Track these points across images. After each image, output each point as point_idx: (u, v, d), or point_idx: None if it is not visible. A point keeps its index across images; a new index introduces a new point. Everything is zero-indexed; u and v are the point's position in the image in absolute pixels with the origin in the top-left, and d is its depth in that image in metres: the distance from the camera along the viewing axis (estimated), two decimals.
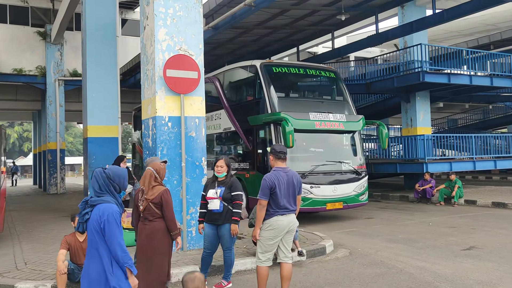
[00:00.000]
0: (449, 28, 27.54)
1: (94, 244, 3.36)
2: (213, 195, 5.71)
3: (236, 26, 16.52)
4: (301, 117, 10.62)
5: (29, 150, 69.87)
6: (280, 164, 5.19)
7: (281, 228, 5.05)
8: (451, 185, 14.16)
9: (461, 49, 17.52)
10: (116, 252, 3.34)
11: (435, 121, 34.03)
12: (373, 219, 11.56)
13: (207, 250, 5.83)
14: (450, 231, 9.42)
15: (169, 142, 7.27)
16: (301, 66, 12.04)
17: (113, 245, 3.35)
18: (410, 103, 17.92)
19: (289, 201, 5.12)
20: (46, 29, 22.34)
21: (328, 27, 18.62)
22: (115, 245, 3.34)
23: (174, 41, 7.40)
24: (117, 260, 3.33)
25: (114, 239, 3.33)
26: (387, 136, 11.62)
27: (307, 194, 10.46)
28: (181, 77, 7.29)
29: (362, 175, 11.39)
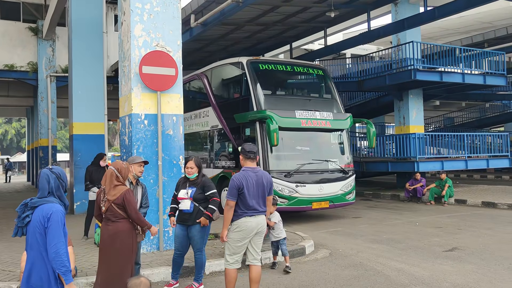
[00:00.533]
0: (445, 26, 27.41)
1: (37, 247, 3.19)
2: (184, 196, 5.59)
3: (227, 23, 16.35)
4: (287, 115, 10.48)
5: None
6: (249, 164, 5.05)
7: (250, 230, 4.91)
8: (442, 184, 14.03)
9: (454, 47, 17.37)
10: (51, 255, 3.14)
11: (432, 119, 33.94)
12: (360, 218, 11.44)
13: (178, 252, 5.70)
14: (435, 232, 9.29)
15: (146, 140, 7.13)
16: (288, 63, 11.89)
17: (50, 245, 3.14)
18: (403, 101, 17.79)
19: (258, 202, 4.99)
20: (38, 24, 22.16)
21: (321, 24, 18.43)
22: (52, 247, 3.13)
23: (151, 37, 7.25)
24: (51, 264, 3.13)
25: (53, 239, 3.14)
26: (374, 135, 11.47)
27: (292, 193, 10.34)
28: (158, 74, 7.15)
29: (349, 174, 11.25)
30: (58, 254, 3.13)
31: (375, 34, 15.99)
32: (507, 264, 6.53)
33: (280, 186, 10.26)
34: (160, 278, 6.02)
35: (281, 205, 10.29)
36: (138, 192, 5.53)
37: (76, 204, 12.37)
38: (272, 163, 10.40)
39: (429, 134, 17.78)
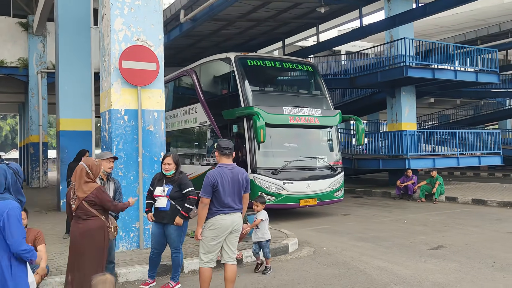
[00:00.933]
0: (440, 23, 27.33)
1: None
2: (160, 193, 5.47)
3: (218, 18, 16.24)
4: (275, 112, 10.37)
5: None
6: (225, 161, 4.93)
7: (224, 228, 4.80)
8: (432, 181, 13.95)
9: (446, 44, 17.26)
10: (17, 251, 3.18)
11: (426, 116, 33.91)
12: (349, 216, 11.34)
13: (154, 250, 5.59)
14: (423, 229, 9.20)
15: (125, 136, 7.00)
16: (277, 59, 11.78)
17: (15, 243, 3.16)
18: (396, 98, 17.68)
19: (234, 199, 4.87)
20: (28, 20, 21.92)
21: (313, 21, 18.35)
22: (15, 242, 3.14)
23: (132, 31, 7.11)
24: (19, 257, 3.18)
25: (13, 235, 3.11)
26: (363, 132, 11.37)
27: (279, 190, 10.24)
28: (138, 68, 7.01)
29: (338, 171, 11.15)
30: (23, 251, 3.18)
31: (367, 30, 15.88)
32: (491, 263, 6.44)
33: (267, 183, 10.16)
34: (137, 276, 5.90)
35: (268, 202, 10.12)
36: (110, 188, 5.42)
37: (62, 201, 12.21)
38: (260, 160, 10.29)
39: (421, 131, 17.71)
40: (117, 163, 6.93)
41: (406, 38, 15.44)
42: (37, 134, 21.96)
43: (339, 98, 22.87)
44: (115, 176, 6.93)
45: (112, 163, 5.71)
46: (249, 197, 5.17)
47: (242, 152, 10.54)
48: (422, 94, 20.27)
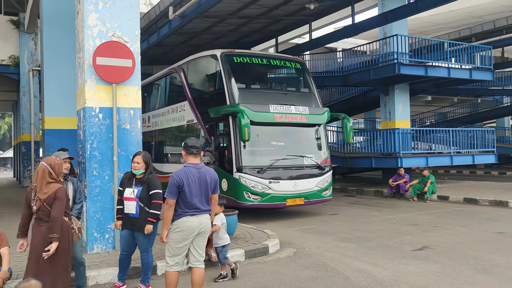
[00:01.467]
0: (436, 20, 27.09)
1: None
2: (129, 195, 5.28)
3: (208, 15, 16.01)
4: (260, 109, 10.19)
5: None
6: (192, 160, 4.75)
7: (190, 230, 4.62)
8: (424, 180, 13.77)
9: (440, 40, 17.03)
10: None
11: (423, 114, 33.72)
12: (338, 215, 11.16)
13: (124, 252, 5.41)
14: (410, 229, 9.02)
15: (100, 135, 6.82)
16: (264, 56, 11.57)
17: None
18: (389, 96, 17.47)
19: (201, 200, 4.69)
20: (19, 17, 21.74)
21: (306, 18, 18.09)
22: None
23: (107, 27, 6.92)
24: None
25: None
26: (351, 130, 11.19)
27: (265, 189, 10.06)
28: (113, 65, 6.82)
29: (326, 170, 10.96)
30: None
31: (359, 27, 15.66)
32: (474, 264, 6.26)
33: (252, 182, 9.98)
34: (108, 279, 5.72)
35: (254, 201, 10.05)
36: (69, 189, 5.24)
37: None
38: (245, 158, 10.12)
39: (415, 129, 17.53)
40: (91, 163, 6.78)
41: (398, 35, 15.24)
42: (29, 132, 21.80)
43: (334, 96, 22.72)
44: (89, 176, 6.78)
45: (68, 163, 5.55)
46: (217, 198, 4.99)
47: (228, 151, 10.35)
48: (416, 91, 20.05)
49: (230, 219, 7.32)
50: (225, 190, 10.45)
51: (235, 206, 10.26)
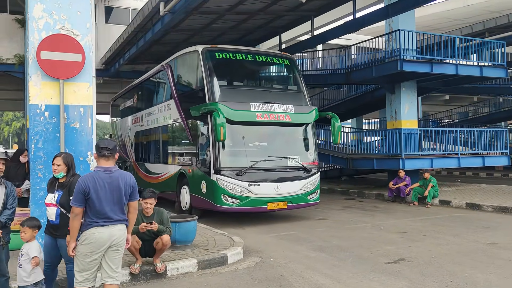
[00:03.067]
0: (452, 16, 26.08)
1: None
2: (50, 201, 4.82)
3: (203, 11, 15.51)
4: (240, 108, 9.65)
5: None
6: (103, 163, 4.24)
7: (100, 243, 4.11)
8: (425, 183, 12.96)
9: (450, 36, 16.11)
10: None
11: (440, 114, 32.53)
12: (326, 220, 10.51)
13: (47, 264, 4.94)
14: (395, 238, 8.33)
15: (46, 134, 6.39)
16: (250, 52, 10.98)
17: None
18: (395, 94, 16.65)
19: (113, 209, 4.18)
20: (25, 16, 21.69)
21: (308, 13, 17.40)
22: None
23: (54, 19, 6.48)
24: None
25: None
26: (339, 130, 10.50)
27: (244, 192, 9.50)
28: (60, 60, 6.38)
29: (312, 172, 10.33)
30: None
31: (360, 22, 14.88)
32: (447, 281, 5.58)
33: (230, 185, 9.44)
34: None
35: (232, 205, 9.51)
36: (1, 193, 4.80)
37: None
38: (224, 160, 9.58)
39: (422, 129, 16.66)
40: (36, 164, 6.36)
41: (401, 30, 14.45)
42: None
43: (340, 95, 21.97)
44: (33, 178, 6.36)
45: (2, 164, 5.14)
46: (137, 205, 4.47)
47: (207, 152, 9.84)
48: (426, 90, 19.17)
49: (188, 226, 6.82)
50: (204, 193, 9.95)
51: (213, 209, 9.78)
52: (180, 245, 6.79)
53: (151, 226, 5.60)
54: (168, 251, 6.71)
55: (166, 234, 5.74)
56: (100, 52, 23.14)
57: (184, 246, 6.78)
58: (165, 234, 5.73)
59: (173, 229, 6.72)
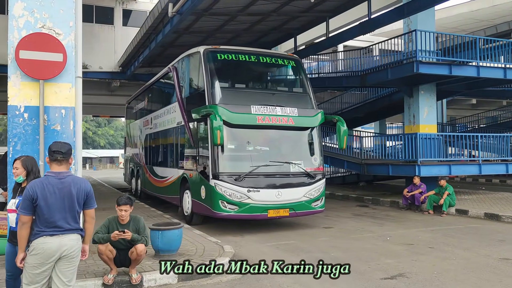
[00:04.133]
0: (479, 16, 25.06)
1: None
2: (11, 206, 4.57)
3: (214, 13, 15.28)
4: (240, 111, 9.28)
5: None
6: (55, 168, 3.94)
7: (48, 254, 3.79)
8: (441, 191, 12.29)
9: (472, 36, 15.36)
10: None
11: (467, 118, 31.35)
12: (331, 229, 10.02)
13: (9, 273, 4.67)
14: (398, 250, 7.78)
15: (25, 137, 6.16)
16: (253, 53, 10.58)
17: None
18: (413, 98, 15.99)
19: (66, 217, 3.87)
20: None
21: (323, 14, 16.94)
22: None
23: (36, 17, 6.27)
24: None
25: None
26: (345, 134, 9.97)
27: (243, 199, 9.11)
28: (40, 59, 6.15)
29: (316, 178, 9.85)
30: None
31: (375, 23, 14.36)
32: None
33: (229, 190, 9.06)
34: None
35: (230, 212, 9.14)
36: None
37: None
38: (222, 164, 9.22)
39: (442, 134, 15.92)
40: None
41: (418, 30, 13.83)
42: None
43: (361, 98, 21.36)
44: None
45: None
46: (94, 214, 4.14)
47: (206, 156, 9.50)
48: (447, 93, 18.42)
49: (172, 234, 6.48)
50: (203, 198, 9.61)
51: (211, 215, 9.43)
52: (163, 254, 6.46)
53: (124, 235, 5.27)
54: (150, 260, 6.40)
55: (141, 244, 5.40)
56: (117, 55, 23.24)
57: (167, 255, 6.44)
58: (139, 243, 5.40)
59: (156, 237, 6.43)
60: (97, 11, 23.40)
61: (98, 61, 23.15)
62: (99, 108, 30.61)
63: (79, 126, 6.94)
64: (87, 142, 76.29)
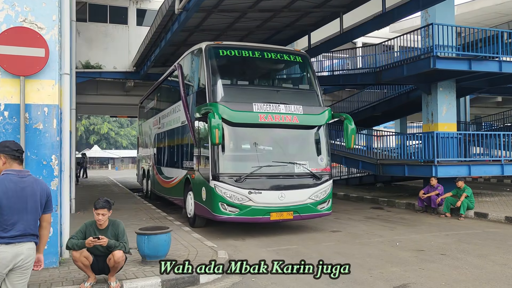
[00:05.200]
0: (502, 10, 24.06)
1: None
2: None
3: (223, 9, 14.92)
4: (241, 108, 8.87)
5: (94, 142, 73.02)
6: (16, 167, 3.62)
7: (3, 265, 3.44)
8: (459, 193, 11.63)
9: (493, 29, 14.58)
10: None
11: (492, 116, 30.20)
12: (339, 232, 9.51)
13: None
14: (407, 257, 7.24)
15: (6, 136, 5.86)
16: (257, 49, 10.12)
17: None
18: (431, 95, 15.31)
19: (27, 220, 3.58)
20: None
21: (336, 9, 16.40)
22: None
23: (16, 11, 5.99)
24: None
25: None
26: (353, 133, 9.43)
27: (244, 201, 8.70)
28: (20, 55, 5.87)
29: (323, 179, 9.35)
30: None
31: (389, 17, 13.74)
32: None
33: (229, 192, 8.66)
34: None
35: (231, 214, 8.74)
36: None
37: None
38: (223, 165, 8.83)
39: (462, 133, 15.18)
40: None
41: (434, 24, 13.17)
42: None
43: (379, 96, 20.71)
44: None
45: None
46: (51, 219, 3.79)
47: (207, 156, 9.12)
48: (467, 90, 17.59)
49: (159, 239, 6.11)
50: (204, 200, 9.24)
51: (211, 218, 9.06)
52: (150, 260, 6.09)
53: (99, 241, 4.92)
54: (136, 266, 6.05)
55: (118, 250, 5.04)
56: (132, 55, 23.12)
57: (154, 262, 6.07)
58: (117, 249, 5.04)
59: (142, 242, 6.08)
60: (111, 11, 23.33)
61: (112, 61, 23.09)
62: (116, 108, 30.66)
63: (66, 125, 6.66)
64: (109, 142, 77.14)
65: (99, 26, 22.95)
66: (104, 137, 76.16)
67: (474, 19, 24.83)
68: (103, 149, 74.19)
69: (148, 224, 9.67)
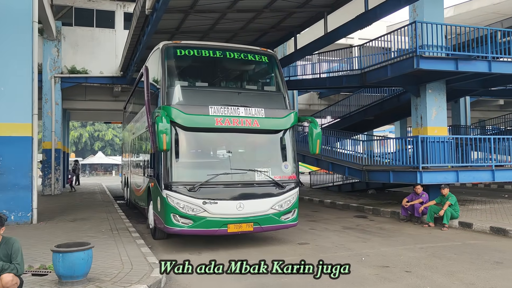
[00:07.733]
0: (500, 10, 23.26)
1: None
2: None
3: (200, 10, 14.39)
4: (196, 112, 8.22)
5: (99, 149, 72.81)
6: None
7: None
8: (443, 201, 10.87)
9: (485, 28, 13.78)
10: None
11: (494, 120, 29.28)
12: (304, 246, 8.79)
13: None
14: (366, 275, 6.52)
15: None
16: (219, 48, 9.46)
17: None
18: (420, 98, 14.55)
19: None
20: (43, 25, 21.58)
21: (320, 9, 15.77)
22: None
23: None
24: None
25: None
26: (318, 137, 8.71)
27: (199, 212, 8.03)
28: None
29: (287, 188, 8.64)
30: None
31: (372, 15, 13.04)
32: None
33: (182, 202, 8.00)
34: None
35: (183, 227, 8.07)
36: None
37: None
38: (176, 173, 8.16)
39: (454, 137, 14.41)
40: None
41: (417, 21, 12.47)
42: (50, 140, 21.49)
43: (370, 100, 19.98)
44: None
45: None
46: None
47: (161, 164, 8.47)
48: (459, 92, 16.81)
49: (74, 257, 5.44)
50: (159, 211, 8.59)
51: (164, 231, 8.40)
52: (66, 281, 5.43)
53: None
54: None
55: (7, 273, 4.40)
56: (118, 59, 22.62)
57: (72, 282, 5.42)
58: (6, 272, 4.40)
59: (56, 261, 5.43)
60: (98, 15, 22.89)
61: (99, 66, 22.63)
62: (108, 114, 30.17)
63: None
64: (114, 148, 76.93)
65: (85, 30, 22.50)
66: (109, 144, 76.02)
67: (473, 19, 24.03)
68: (108, 155, 73.98)
69: (104, 236, 9.08)
